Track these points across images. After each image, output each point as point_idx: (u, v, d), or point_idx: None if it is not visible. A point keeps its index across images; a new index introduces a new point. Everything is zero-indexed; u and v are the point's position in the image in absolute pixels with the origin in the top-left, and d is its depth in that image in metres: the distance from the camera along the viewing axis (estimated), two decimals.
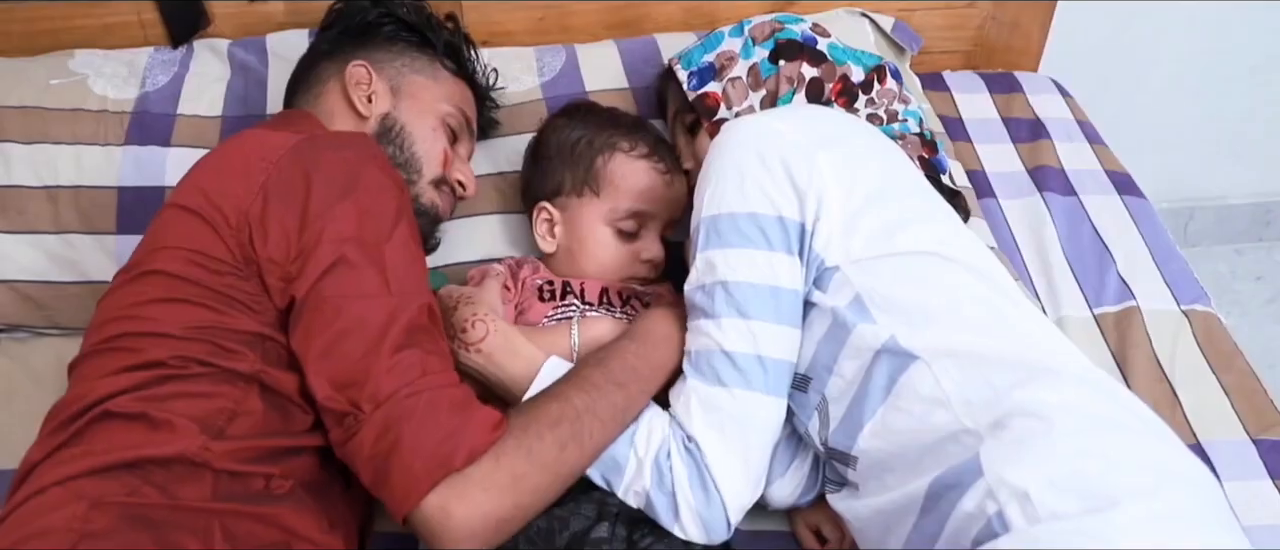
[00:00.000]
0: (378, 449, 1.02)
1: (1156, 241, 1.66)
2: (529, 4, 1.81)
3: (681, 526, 1.12)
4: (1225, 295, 2.48)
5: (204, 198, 1.12)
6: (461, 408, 1.05)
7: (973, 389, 1.00)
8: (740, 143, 1.15)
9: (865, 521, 1.11)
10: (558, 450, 1.07)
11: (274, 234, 1.09)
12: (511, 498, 1.03)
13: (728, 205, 1.12)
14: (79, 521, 0.96)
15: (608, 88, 1.69)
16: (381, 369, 1.04)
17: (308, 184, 1.11)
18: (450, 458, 1.01)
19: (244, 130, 1.27)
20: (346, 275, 1.08)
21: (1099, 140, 1.87)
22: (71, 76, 1.64)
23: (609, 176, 1.39)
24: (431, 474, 1.01)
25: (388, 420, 1.03)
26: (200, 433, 1.03)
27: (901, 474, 1.04)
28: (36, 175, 1.54)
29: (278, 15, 1.76)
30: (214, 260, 1.10)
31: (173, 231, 1.14)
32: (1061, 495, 0.89)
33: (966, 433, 0.98)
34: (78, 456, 1.02)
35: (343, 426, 1.05)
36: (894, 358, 1.05)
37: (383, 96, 1.41)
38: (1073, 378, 1.01)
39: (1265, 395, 1.44)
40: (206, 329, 1.08)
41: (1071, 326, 1.53)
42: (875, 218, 1.10)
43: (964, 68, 2.04)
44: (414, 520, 1.02)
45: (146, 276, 1.12)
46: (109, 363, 1.09)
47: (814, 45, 1.41)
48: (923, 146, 1.43)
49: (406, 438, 1.02)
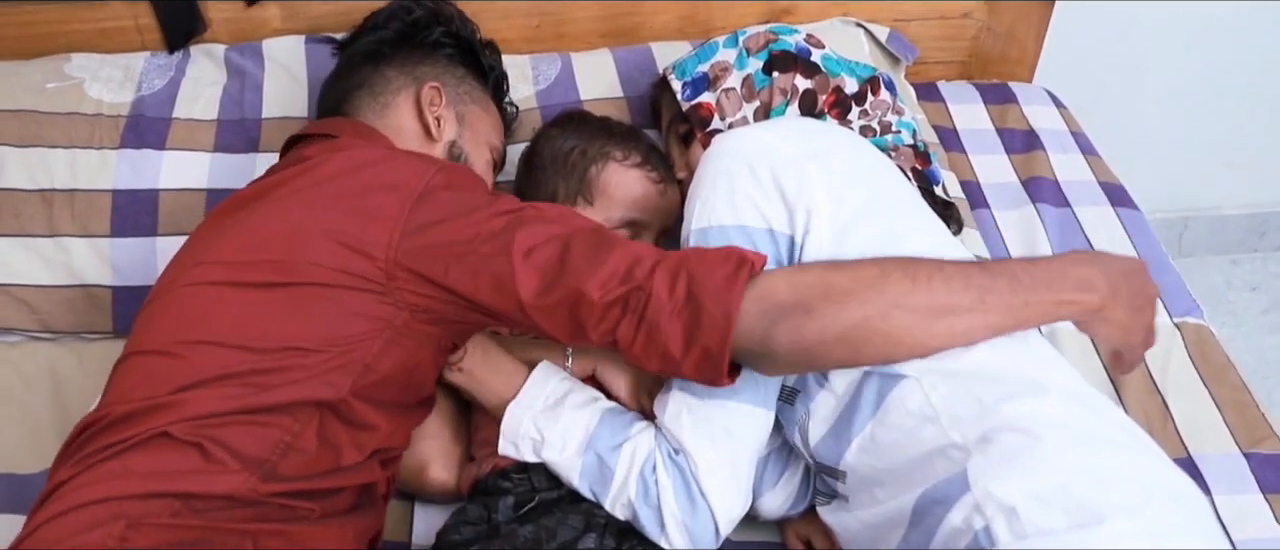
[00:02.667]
0: (677, 292, 1.02)
1: (1149, 253, 1.66)
2: (525, 12, 1.81)
3: (667, 538, 1.12)
4: (1220, 306, 2.49)
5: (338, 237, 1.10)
6: (726, 248, 1.06)
7: (961, 404, 1.00)
8: (731, 154, 1.15)
9: (854, 534, 1.12)
10: (877, 270, 1.01)
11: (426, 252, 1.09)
12: (821, 292, 0.99)
13: (718, 217, 1.12)
14: (117, 538, 0.94)
15: (603, 96, 1.69)
16: (639, 251, 1.06)
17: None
18: (743, 259, 1.02)
19: (351, 154, 1.21)
20: (536, 226, 1.09)
21: (1093, 151, 1.87)
22: (67, 80, 1.65)
23: (603, 186, 1.39)
24: (736, 278, 1.00)
25: (671, 269, 1.03)
26: (250, 475, 1.01)
27: (891, 488, 1.04)
28: (31, 178, 1.55)
29: (273, 21, 1.77)
30: (355, 278, 1.08)
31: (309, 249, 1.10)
32: (1048, 511, 0.89)
33: (954, 447, 0.98)
34: (119, 475, 0.99)
35: (629, 307, 1.03)
36: (884, 374, 1.05)
37: (449, 122, 1.40)
38: (1061, 393, 1.01)
39: (1256, 408, 1.43)
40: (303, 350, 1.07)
41: (1064, 339, 1.52)
42: (864, 231, 1.10)
43: (959, 78, 2.04)
44: (741, 337, 1.00)
45: (265, 288, 1.09)
46: (179, 371, 1.06)
47: (808, 57, 1.42)
48: (916, 158, 1.44)
49: (696, 268, 1.02)
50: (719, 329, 0.99)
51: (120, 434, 1.02)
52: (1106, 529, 0.87)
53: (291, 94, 1.67)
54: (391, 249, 1.08)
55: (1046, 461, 0.93)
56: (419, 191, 1.10)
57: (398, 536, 1.29)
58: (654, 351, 1.03)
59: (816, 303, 0.98)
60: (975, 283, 1.01)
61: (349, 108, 1.40)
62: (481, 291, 1.08)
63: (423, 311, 1.10)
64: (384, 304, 1.08)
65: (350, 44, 1.51)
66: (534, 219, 1.09)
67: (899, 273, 1.00)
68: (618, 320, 1.03)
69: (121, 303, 1.53)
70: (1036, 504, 0.90)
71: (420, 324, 1.11)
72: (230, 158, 1.60)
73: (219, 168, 1.58)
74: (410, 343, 1.11)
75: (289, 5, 1.76)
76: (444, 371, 1.24)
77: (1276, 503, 1.31)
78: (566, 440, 1.16)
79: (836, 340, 0.99)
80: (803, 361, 1.03)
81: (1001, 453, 0.95)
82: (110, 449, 1.01)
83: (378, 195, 1.11)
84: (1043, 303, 1.04)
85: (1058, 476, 0.92)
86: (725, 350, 1.00)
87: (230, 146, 1.61)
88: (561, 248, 1.06)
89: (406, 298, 1.09)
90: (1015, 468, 0.93)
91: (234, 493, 1.00)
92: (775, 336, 0.98)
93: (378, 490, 1.17)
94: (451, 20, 1.51)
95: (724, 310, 0.99)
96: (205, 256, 1.13)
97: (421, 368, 1.15)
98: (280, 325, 1.07)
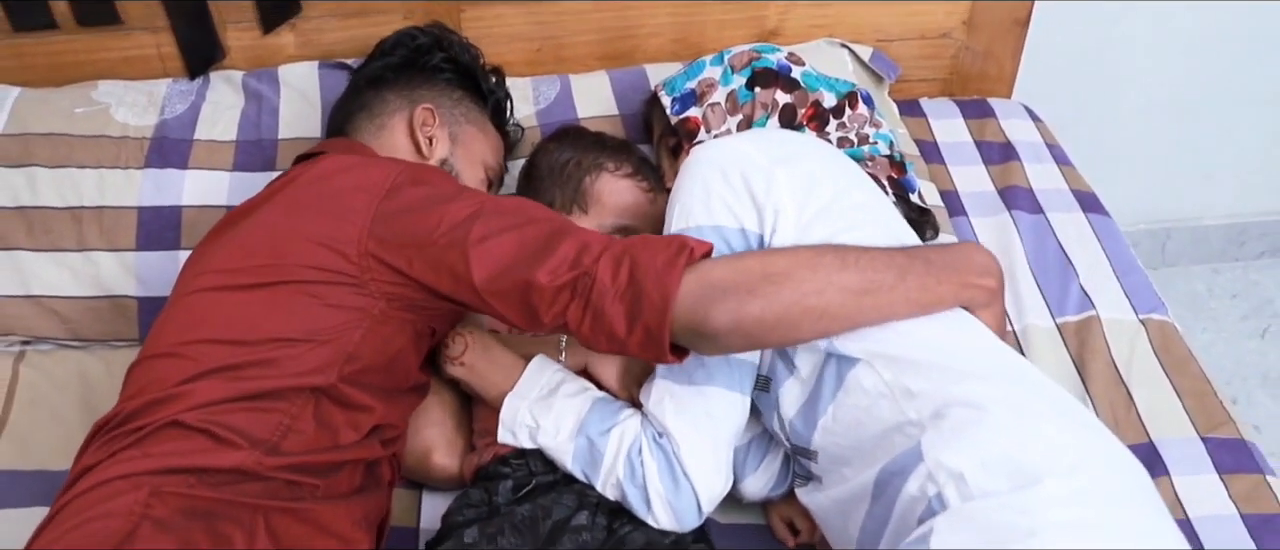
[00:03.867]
0: (619, 277, 1.09)
1: (1117, 255, 1.73)
2: (527, 37, 1.88)
3: (654, 516, 1.19)
4: (1202, 312, 2.55)
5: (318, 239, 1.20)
6: (670, 236, 1.14)
7: (914, 384, 1.08)
8: (707, 162, 1.23)
9: (827, 512, 1.20)
10: (812, 253, 1.11)
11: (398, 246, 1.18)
12: (760, 274, 1.08)
13: (695, 218, 1.20)
14: (140, 506, 1.03)
15: (599, 114, 1.77)
16: (588, 239, 1.13)
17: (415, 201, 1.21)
18: (684, 245, 1.10)
19: (327, 162, 1.31)
20: (493, 217, 1.17)
21: (1066, 161, 1.94)
22: (95, 105, 1.71)
23: (596, 194, 1.48)
24: (675, 263, 1.08)
25: (615, 255, 1.11)
26: (256, 451, 1.10)
27: (856, 465, 1.12)
28: (61, 197, 1.61)
29: (288, 48, 1.83)
30: (332, 273, 1.18)
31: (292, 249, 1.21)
32: (992, 475, 0.97)
33: (910, 423, 1.06)
34: (138, 458, 1.08)
35: (577, 291, 1.11)
36: (841, 356, 1.14)
37: (442, 142, 1.48)
38: (1004, 372, 1.11)
39: (1215, 397, 1.51)
40: (291, 341, 1.16)
41: (1035, 335, 1.60)
42: (823, 229, 1.18)
43: (941, 95, 2.11)
44: (679, 319, 1.07)
45: (262, 288, 1.20)
46: (184, 368, 1.15)
47: (788, 73, 1.50)
48: (892, 167, 1.51)
49: (639, 254, 1.10)
50: (657, 310, 1.07)
51: (135, 424, 1.12)
52: (1042, 488, 0.95)
53: (305, 116, 1.73)
54: (362, 244, 1.18)
55: (991, 432, 1.01)
56: (386, 189, 1.20)
57: (407, 522, 1.37)
58: (600, 332, 1.11)
59: (756, 284, 1.07)
60: (896, 264, 1.12)
61: (350, 128, 1.50)
62: (443, 281, 1.17)
63: (397, 299, 1.19)
64: (361, 295, 1.18)
65: (361, 70, 1.60)
66: (492, 211, 1.17)
67: (831, 255, 1.10)
68: (567, 303, 1.11)
69: (146, 312, 1.59)
70: (982, 470, 0.98)
71: (396, 311, 1.20)
72: (248, 176, 1.66)
73: (238, 185, 1.64)
74: (388, 329, 1.21)
75: (303, 33, 1.82)
76: (446, 367, 1.34)
77: (1231, 482, 1.38)
78: (560, 426, 1.24)
79: (776, 319, 1.08)
80: (742, 341, 1.11)
81: (951, 426, 1.03)
82: (127, 438, 1.11)
83: (349, 196, 1.21)
84: (952, 284, 1.15)
85: (1001, 445, 1.00)
86: (664, 329, 1.07)
87: (248, 165, 1.67)
88: (515, 237, 1.14)
89: (381, 288, 1.18)
90: (964, 439, 1.01)
91: (242, 466, 1.09)
92: (714, 317, 1.06)
93: (382, 474, 1.26)
94: (453, 46, 1.59)
95: (662, 292, 1.07)
96: (205, 267, 1.25)
97: (402, 353, 1.24)
98: (268, 320, 1.17)
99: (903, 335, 1.13)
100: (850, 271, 1.10)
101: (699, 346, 1.12)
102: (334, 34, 1.83)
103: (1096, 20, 2.20)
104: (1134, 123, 2.40)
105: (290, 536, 1.10)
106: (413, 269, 1.18)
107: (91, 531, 1.01)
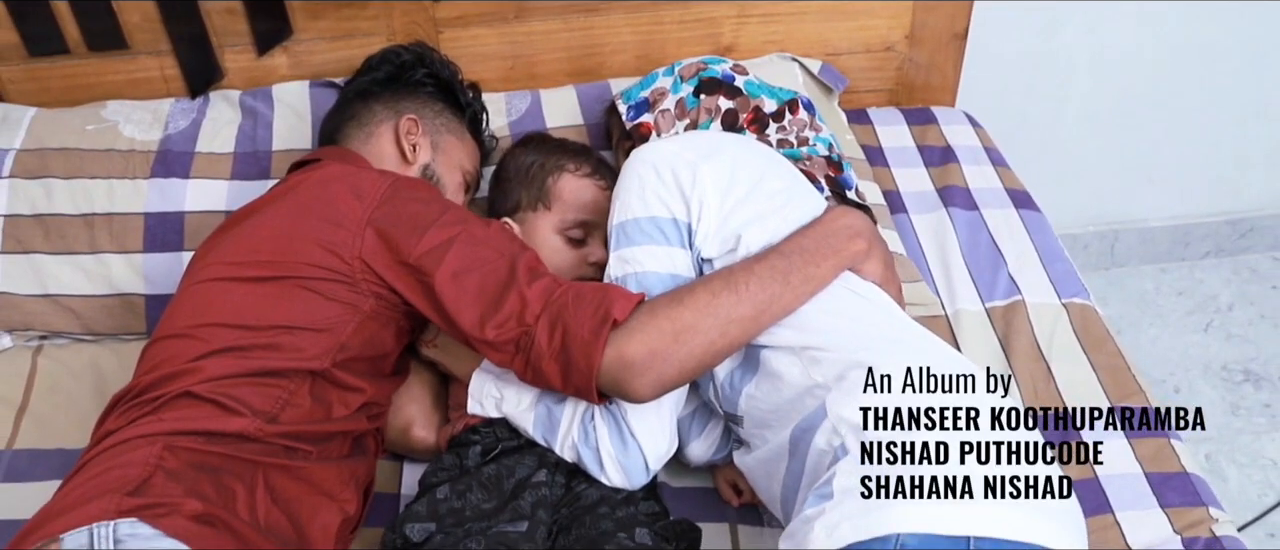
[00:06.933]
0: (553, 342, 1.23)
1: (1046, 247, 1.83)
2: (501, 56, 1.99)
3: (606, 474, 1.32)
4: (1150, 309, 2.66)
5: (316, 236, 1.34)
6: (601, 288, 1.27)
7: (820, 354, 1.22)
8: (642, 162, 1.37)
9: (754, 471, 1.33)
10: (709, 296, 1.24)
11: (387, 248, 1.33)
12: (671, 335, 1.22)
13: (633, 211, 1.34)
14: (155, 458, 1.17)
15: (566, 124, 1.88)
16: (530, 295, 1.26)
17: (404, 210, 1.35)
18: (608, 315, 1.22)
19: (326, 169, 1.44)
20: (464, 247, 1.31)
21: (1002, 163, 2.05)
22: (104, 123, 1.83)
23: (558, 193, 1.60)
24: (599, 333, 1.21)
25: (551, 319, 1.24)
26: (258, 419, 1.25)
27: (774, 428, 1.25)
28: (75, 205, 1.73)
29: (282, 68, 1.93)
30: (330, 272, 1.32)
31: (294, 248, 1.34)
32: None
33: (818, 387, 1.20)
34: (154, 422, 1.23)
35: (520, 348, 1.26)
36: (758, 346, 1.28)
37: (424, 149, 1.61)
38: (898, 336, 1.26)
39: (1129, 371, 1.61)
40: (290, 329, 1.30)
41: (966, 318, 1.72)
42: (744, 212, 1.32)
43: (888, 105, 2.21)
44: (603, 381, 1.23)
45: (266, 281, 1.33)
46: (196, 347, 1.29)
47: (732, 81, 1.63)
48: (830, 166, 1.62)
49: (571, 320, 1.23)
50: (584, 375, 1.23)
51: (152, 395, 1.26)
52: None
53: (297, 130, 1.84)
54: (355, 250, 1.32)
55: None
56: (376, 201, 1.34)
57: (390, 488, 1.51)
58: (541, 382, 1.29)
59: (668, 347, 1.22)
60: (778, 271, 1.26)
61: (340, 137, 1.63)
62: (418, 299, 1.33)
63: (383, 299, 1.34)
64: (354, 293, 1.33)
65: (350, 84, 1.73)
66: (464, 240, 1.32)
67: (726, 293, 1.24)
68: (511, 355, 1.28)
69: (153, 308, 1.71)
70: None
71: (384, 309, 1.35)
72: (245, 184, 1.78)
73: (235, 193, 1.76)
74: (375, 324, 1.36)
75: (295, 55, 1.92)
76: (422, 349, 1.48)
77: (1136, 444, 1.50)
78: (521, 397, 1.37)
79: (693, 369, 1.25)
80: (667, 392, 1.27)
81: (850, 385, 1.16)
82: (144, 407, 1.25)
83: (342, 204, 1.35)
84: (830, 261, 1.30)
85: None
86: (591, 390, 1.24)
87: (245, 174, 1.79)
88: (477, 282, 1.29)
89: (371, 289, 1.34)
90: (859, 394, 1.15)
91: (244, 431, 1.24)
92: (638, 390, 1.23)
93: (368, 444, 1.40)
94: (434, 63, 1.73)
95: (587, 363, 1.22)
96: (213, 259, 1.38)
97: (385, 346, 1.39)
98: (274, 309, 1.32)
99: (805, 322, 1.27)
100: (744, 302, 1.24)
101: (629, 400, 1.27)
102: (323, 55, 1.93)
103: (1035, 32, 2.29)
104: (1078, 130, 2.48)
105: (287, 492, 1.25)
106: (396, 283, 1.33)
107: (111, 479, 1.15)
